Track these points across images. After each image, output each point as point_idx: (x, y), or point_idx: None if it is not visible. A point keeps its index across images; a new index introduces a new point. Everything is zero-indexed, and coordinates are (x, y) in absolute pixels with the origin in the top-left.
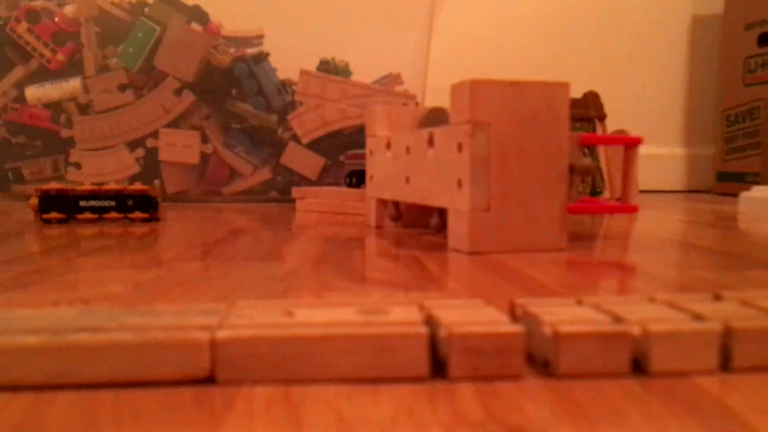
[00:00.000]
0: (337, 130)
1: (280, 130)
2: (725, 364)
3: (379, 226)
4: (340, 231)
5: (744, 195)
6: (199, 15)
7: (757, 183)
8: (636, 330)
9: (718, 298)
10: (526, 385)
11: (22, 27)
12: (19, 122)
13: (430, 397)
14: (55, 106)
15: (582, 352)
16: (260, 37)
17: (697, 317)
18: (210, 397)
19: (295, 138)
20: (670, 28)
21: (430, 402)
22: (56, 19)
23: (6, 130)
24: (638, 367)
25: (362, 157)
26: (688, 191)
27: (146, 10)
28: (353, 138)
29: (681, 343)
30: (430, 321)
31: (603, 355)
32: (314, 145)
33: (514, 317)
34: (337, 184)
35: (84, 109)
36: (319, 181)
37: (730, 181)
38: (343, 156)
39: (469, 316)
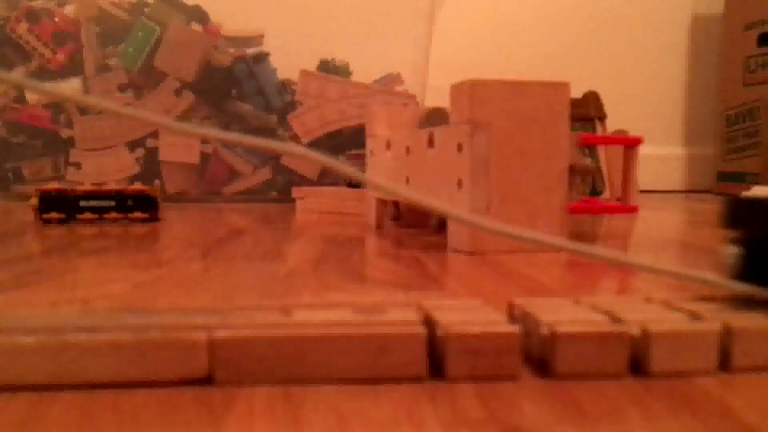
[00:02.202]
0: (337, 130)
1: (280, 130)
2: (725, 364)
3: (379, 226)
4: (340, 231)
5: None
6: (199, 15)
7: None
8: (634, 330)
9: (717, 298)
10: (525, 385)
11: (22, 27)
12: (19, 122)
13: (429, 397)
14: (55, 106)
15: (579, 353)
16: (260, 37)
17: (696, 317)
18: (210, 397)
19: (295, 138)
20: (670, 28)
21: (430, 402)
22: (56, 19)
23: (6, 130)
24: (638, 367)
25: (362, 157)
26: (688, 191)
27: (146, 10)
28: (353, 138)
29: (680, 344)
30: (428, 321)
31: (600, 356)
32: (314, 145)
33: (513, 317)
34: (337, 184)
35: (84, 109)
36: (319, 181)
37: (730, 181)
38: (343, 156)
39: (466, 316)
